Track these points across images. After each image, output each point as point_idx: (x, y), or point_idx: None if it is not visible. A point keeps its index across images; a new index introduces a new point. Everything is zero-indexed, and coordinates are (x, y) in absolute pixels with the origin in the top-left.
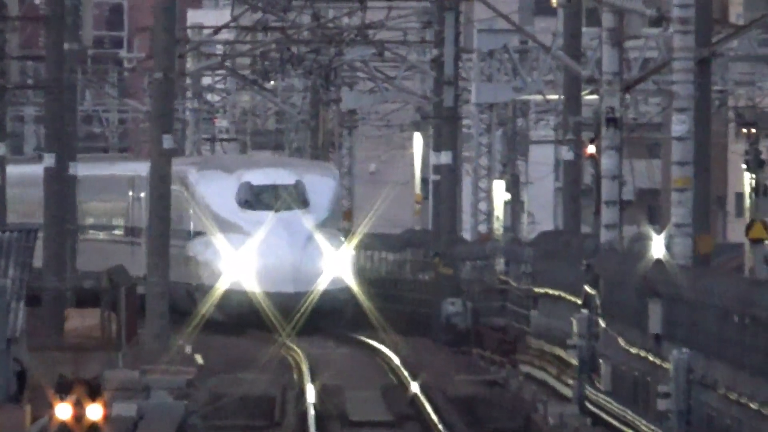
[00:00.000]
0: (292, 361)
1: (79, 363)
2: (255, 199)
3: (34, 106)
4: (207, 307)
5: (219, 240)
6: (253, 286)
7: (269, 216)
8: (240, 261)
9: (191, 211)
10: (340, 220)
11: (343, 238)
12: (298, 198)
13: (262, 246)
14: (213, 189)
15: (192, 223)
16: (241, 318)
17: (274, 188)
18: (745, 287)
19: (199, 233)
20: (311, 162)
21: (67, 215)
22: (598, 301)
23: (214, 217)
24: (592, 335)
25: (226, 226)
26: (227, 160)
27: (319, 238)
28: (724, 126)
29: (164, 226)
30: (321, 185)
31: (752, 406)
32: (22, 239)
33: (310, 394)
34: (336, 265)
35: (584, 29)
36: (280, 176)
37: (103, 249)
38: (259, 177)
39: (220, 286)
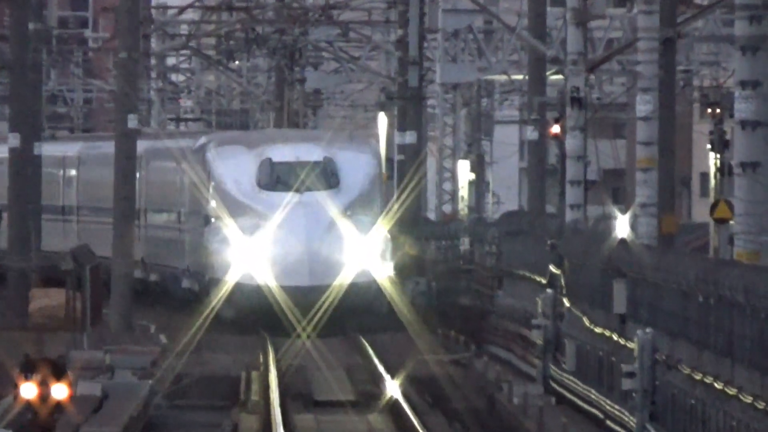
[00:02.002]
0: (258, 342)
1: (44, 342)
2: (276, 178)
3: None
4: (215, 302)
5: (231, 225)
6: (265, 278)
7: (290, 198)
8: (252, 250)
9: (209, 193)
10: (378, 204)
11: (378, 225)
12: (326, 177)
13: (277, 232)
14: (231, 167)
15: (209, 206)
16: (252, 314)
17: (298, 166)
18: (710, 267)
19: (215, 217)
20: (347, 136)
21: (32, 195)
22: (562, 281)
23: (230, 199)
24: (556, 315)
25: (242, 210)
26: (251, 134)
27: (347, 223)
28: (688, 106)
29: (128, 205)
30: (356, 163)
31: (716, 385)
32: None
33: (275, 374)
34: (364, 256)
35: (549, 9)
36: (307, 152)
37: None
38: (282, 153)
39: (230, 279)
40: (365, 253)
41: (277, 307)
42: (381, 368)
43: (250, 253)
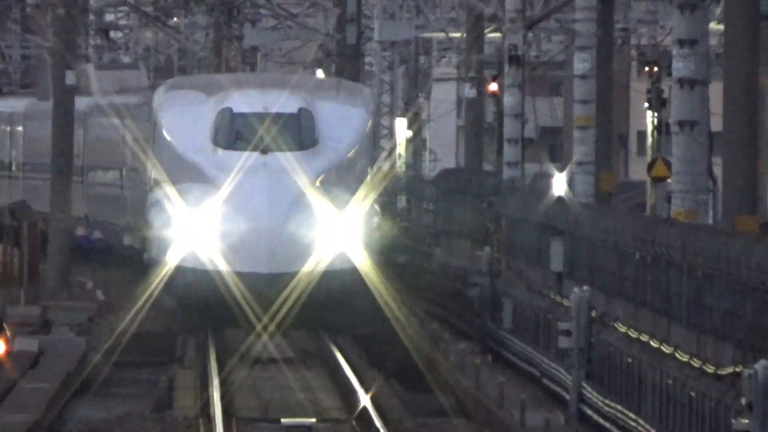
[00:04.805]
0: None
1: None
2: (235, 133)
3: None
4: (153, 288)
5: (175, 194)
6: (215, 262)
7: (251, 159)
8: (198, 224)
9: (155, 151)
10: (366, 170)
11: (362, 197)
12: (301, 134)
13: (231, 203)
14: (180, 118)
15: (154, 168)
16: (200, 305)
17: (264, 119)
18: (647, 225)
19: (158, 182)
20: (331, 82)
21: None
22: (499, 239)
23: (176, 159)
24: (493, 273)
25: (191, 173)
26: (214, 78)
27: (322, 195)
28: (626, 64)
29: (66, 161)
30: (342, 118)
31: (653, 344)
32: None
33: (212, 331)
34: (342, 236)
35: None
36: (278, 102)
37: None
38: (246, 102)
39: (170, 260)
40: (344, 233)
41: (230, 297)
42: (319, 327)
43: (196, 229)
